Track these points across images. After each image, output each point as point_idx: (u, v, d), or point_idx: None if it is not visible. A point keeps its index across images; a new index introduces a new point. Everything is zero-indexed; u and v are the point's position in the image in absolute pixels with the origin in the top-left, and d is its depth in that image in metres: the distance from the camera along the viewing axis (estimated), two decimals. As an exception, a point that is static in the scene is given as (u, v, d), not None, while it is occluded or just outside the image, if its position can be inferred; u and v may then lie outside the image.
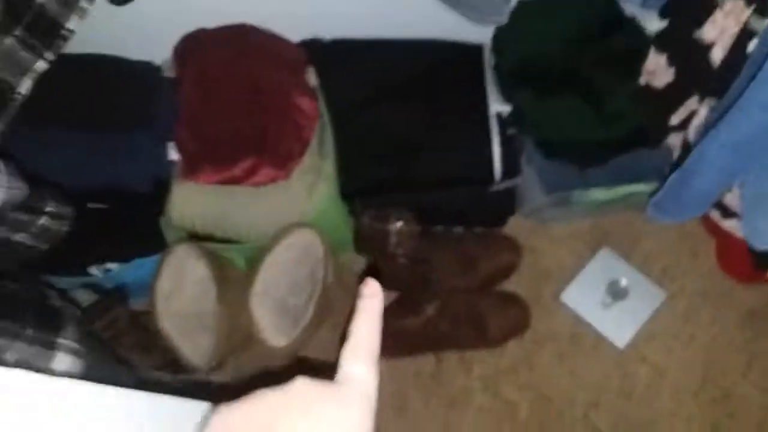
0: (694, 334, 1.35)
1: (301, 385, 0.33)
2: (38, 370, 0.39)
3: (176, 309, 1.06)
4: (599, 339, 1.35)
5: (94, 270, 1.08)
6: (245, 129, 1.04)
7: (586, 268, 1.38)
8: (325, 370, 0.36)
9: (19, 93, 0.73)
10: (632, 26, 1.19)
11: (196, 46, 1.07)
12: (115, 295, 1.09)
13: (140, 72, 1.06)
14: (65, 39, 0.77)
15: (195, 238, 1.08)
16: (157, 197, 1.05)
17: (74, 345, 0.69)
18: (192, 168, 1.02)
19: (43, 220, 0.72)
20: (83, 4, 0.76)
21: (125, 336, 1.06)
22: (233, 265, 1.13)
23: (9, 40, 0.70)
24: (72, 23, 0.76)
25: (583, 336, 1.36)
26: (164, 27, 1.07)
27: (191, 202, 1.05)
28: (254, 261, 1.09)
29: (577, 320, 1.36)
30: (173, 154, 1.04)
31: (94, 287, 1.10)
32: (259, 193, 1.07)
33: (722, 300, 1.37)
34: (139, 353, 1.09)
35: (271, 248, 1.08)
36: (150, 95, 1.04)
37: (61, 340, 0.68)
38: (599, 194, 1.29)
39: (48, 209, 0.72)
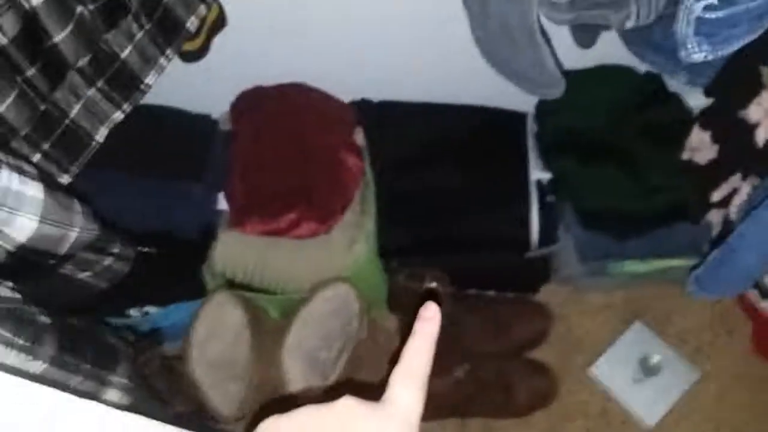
0: (727, 418, 1.32)
1: (347, 402, 0.34)
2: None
3: (210, 356, 1.07)
4: (628, 416, 1.32)
5: (133, 312, 1.10)
6: (292, 183, 1.07)
7: (618, 342, 1.36)
8: (371, 391, 0.37)
9: (96, 140, 0.77)
10: (676, 101, 1.21)
11: (252, 103, 1.11)
12: (150, 338, 1.10)
13: (198, 124, 1.11)
14: (143, 93, 0.81)
15: (234, 286, 1.10)
16: (203, 245, 1.07)
17: (125, 381, 0.71)
18: (239, 218, 1.05)
19: (108, 261, 0.74)
20: (162, 61, 0.80)
21: (156, 378, 1.06)
22: (268, 316, 1.14)
23: (92, 91, 0.74)
24: (150, 79, 0.80)
25: (612, 412, 1.33)
26: (225, 83, 1.12)
27: (235, 250, 1.07)
28: (289, 312, 1.10)
29: (607, 395, 1.33)
30: (222, 204, 1.07)
31: (130, 328, 1.11)
32: (300, 245, 1.09)
33: (757, 384, 1.34)
34: (167, 397, 1.09)
35: (308, 301, 1.09)
36: (205, 147, 1.08)
37: (113, 377, 0.69)
38: (635, 267, 1.28)
39: (114, 250, 0.75)
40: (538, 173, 1.25)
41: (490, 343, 1.28)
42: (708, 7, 0.58)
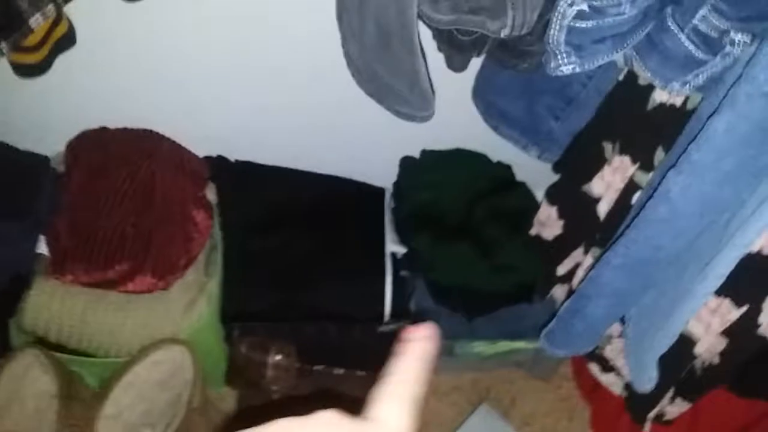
0: (568, 503, 1.32)
1: (332, 415, 0.31)
2: None
3: (8, 427, 0.90)
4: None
5: None
6: (130, 231, 0.98)
7: (464, 424, 1.34)
8: (349, 405, 0.33)
9: None
10: (524, 189, 1.29)
11: (95, 142, 1.03)
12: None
13: (25, 161, 1.00)
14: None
15: (46, 345, 0.96)
16: (14, 294, 0.93)
17: None
18: (61, 265, 0.93)
19: None
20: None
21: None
22: (83, 382, 1.00)
23: None
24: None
25: (462, 498, 1.28)
26: (63, 120, 1.03)
27: (51, 303, 0.94)
28: (110, 377, 0.97)
29: None
30: (43, 248, 0.95)
31: None
32: (131, 302, 0.98)
33: (595, 469, 1.36)
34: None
35: (134, 364, 0.97)
36: (30, 185, 0.97)
37: None
38: (482, 347, 1.29)
39: None
40: (393, 246, 1.25)
41: (336, 423, 1.20)
42: (579, 15, 0.62)
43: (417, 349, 0.34)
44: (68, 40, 0.80)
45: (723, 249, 0.68)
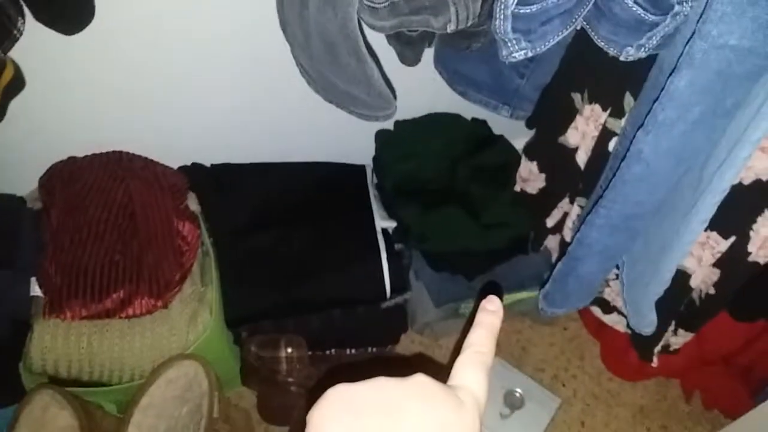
0: (594, 437, 1.36)
1: (422, 378, 0.34)
2: None
3: (34, 468, 0.92)
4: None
5: (-68, 431, 0.93)
6: (119, 258, 0.98)
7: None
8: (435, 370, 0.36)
9: None
10: (503, 142, 1.28)
11: (66, 174, 1.02)
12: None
13: (2, 204, 0.98)
14: None
15: (58, 382, 0.96)
16: (15, 340, 0.94)
17: None
18: (57, 303, 0.93)
19: None
20: None
21: None
22: (103, 411, 1.01)
23: None
24: None
25: (485, 451, 1.32)
26: (30, 156, 1.01)
27: (55, 342, 0.94)
28: (128, 403, 0.98)
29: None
30: (36, 290, 0.95)
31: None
32: (134, 325, 0.99)
33: (613, 400, 1.40)
34: None
35: (148, 386, 0.98)
36: (12, 229, 0.96)
37: None
38: (487, 304, 1.31)
39: None
40: (383, 222, 1.25)
41: (356, 402, 1.23)
42: (521, 2, 0.61)
43: (490, 321, 0.38)
44: (18, 82, 0.79)
45: (703, 195, 0.68)
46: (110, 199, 1.00)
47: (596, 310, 1.23)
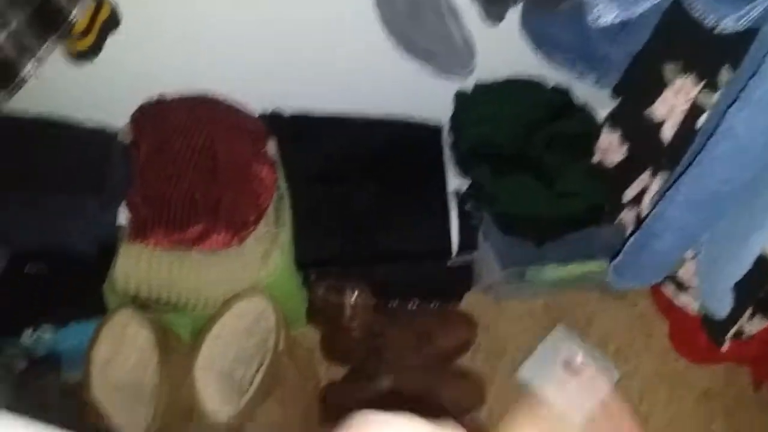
0: (650, 414, 1.34)
1: (454, 428, 0.33)
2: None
3: (112, 379, 1.00)
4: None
5: (28, 335, 1.02)
6: (200, 194, 1.03)
7: (542, 346, 1.36)
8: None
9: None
10: (582, 113, 1.24)
11: (155, 113, 1.07)
12: (46, 363, 1.03)
13: (95, 137, 1.05)
14: (19, 86, 0.75)
15: (138, 304, 1.04)
16: (101, 262, 1.01)
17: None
18: (142, 230, 1.00)
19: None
20: (41, 53, 0.75)
21: (53, 409, 0.99)
22: (176, 335, 1.08)
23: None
24: (28, 70, 0.74)
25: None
26: (125, 94, 1.07)
27: (138, 265, 1.01)
28: (201, 330, 1.05)
29: (534, 398, 1.33)
30: (123, 218, 1.02)
31: (25, 353, 1.03)
32: (210, 259, 1.04)
33: (677, 380, 1.37)
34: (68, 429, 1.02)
35: (220, 316, 1.04)
36: (104, 160, 1.03)
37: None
38: (553, 271, 1.29)
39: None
40: (455, 182, 1.25)
41: (414, 354, 1.26)
42: None
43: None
44: (113, 20, 0.83)
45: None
46: (195, 140, 1.05)
47: (669, 289, 1.19)
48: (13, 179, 0.93)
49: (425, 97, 1.20)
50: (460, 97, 1.23)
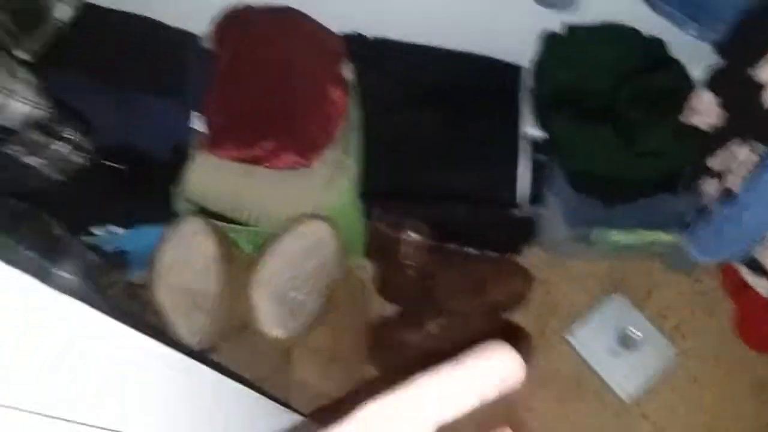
0: (702, 397, 1.30)
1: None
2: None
3: (176, 282, 1.03)
4: (603, 387, 1.29)
5: (97, 230, 1.05)
6: (273, 110, 1.03)
7: (596, 312, 1.33)
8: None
9: (56, 18, 0.71)
10: (678, 68, 1.17)
11: (238, 22, 1.06)
12: (114, 260, 1.06)
13: (178, 40, 1.06)
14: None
15: (206, 214, 1.06)
16: (174, 166, 1.03)
17: (71, 278, 0.66)
18: (215, 141, 1.01)
19: (58, 146, 0.69)
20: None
21: (119, 302, 1.02)
22: (239, 248, 1.10)
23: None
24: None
25: (586, 381, 1.30)
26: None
27: (208, 175, 1.03)
28: (262, 247, 1.06)
29: (582, 364, 1.31)
30: (197, 125, 1.03)
31: (93, 248, 1.06)
32: (278, 177, 1.04)
33: (735, 366, 1.31)
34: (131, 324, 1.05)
35: (282, 236, 1.05)
36: (184, 64, 1.03)
37: (57, 271, 0.64)
38: (620, 236, 1.25)
39: (66, 135, 0.69)
40: (529, 129, 1.21)
41: (466, 300, 1.25)
42: None
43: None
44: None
45: None
46: (274, 55, 1.04)
47: (743, 268, 1.13)
48: (101, 72, 0.94)
49: (510, 35, 1.16)
50: (549, 40, 1.18)
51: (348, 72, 1.13)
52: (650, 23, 1.10)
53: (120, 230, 1.06)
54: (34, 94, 0.58)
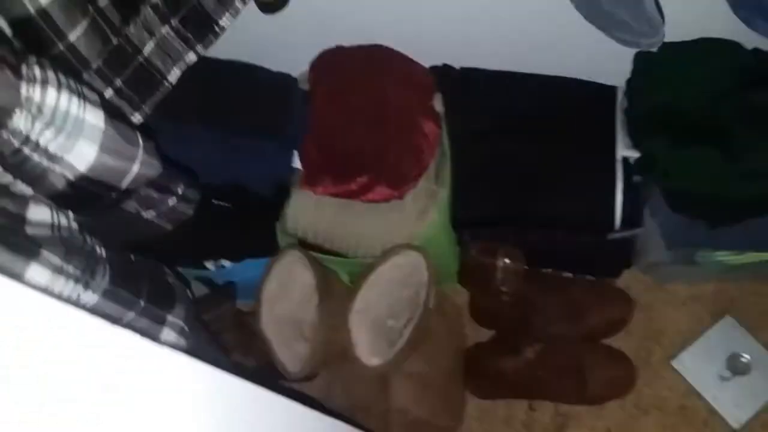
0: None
1: None
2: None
3: (279, 313, 1.08)
4: (712, 415, 1.24)
5: (209, 264, 1.13)
6: (367, 146, 1.06)
7: (704, 336, 1.27)
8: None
9: (168, 81, 0.78)
10: (783, 81, 1.11)
11: (332, 62, 1.11)
12: (224, 291, 1.13)
13: (278, 82, 1.12)
14: (216, 35, 0.82)
15: (305, 246, 1.11)
16: (277, 202, 1.09)
17: (181, 323, 0.71)
18: (312, 178, 1.05)
19: (172, 201, 0.75)
20: (237, 3, 0.81)
21: (228, 333, 1.09)
22: (337, 278, 1.14)
23: (165, 29, 0.75)
24: (225, 21, 0.81)
25: (693, 409, 1.25)
26: (305, 42, 1.12)
27: (307, 210, 1.08)
28: (358, 277, 1.09)
29: (689, 390, 1.25)
30: (297, 163, 1.08)
31: (205, 281, 1.14)
32: (372, 210, 1.08)
33: None
34: (239, 352, 1.11)
35: (377, 266, 1.08)
36: (284, 105, 1.09)
37: (170, 317, 0.70)
38: (727, 258, 1.19)
39: (178, 190, 0.75)
40: (625, 151, 1.18)
41: (565, 325, 1.23)
42: None
43: None
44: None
45: None
46: (367, 91, 1.08)
47: None
48: (207, 116, 1.02)
49: (600, 56, 1.14)
50: (642, 57, 1.15)
51: (439, 103, 1.15)
52: (748, 38, 1.06)
53: (229, 263, 1.13)
54: (150, 156, 0.64)
